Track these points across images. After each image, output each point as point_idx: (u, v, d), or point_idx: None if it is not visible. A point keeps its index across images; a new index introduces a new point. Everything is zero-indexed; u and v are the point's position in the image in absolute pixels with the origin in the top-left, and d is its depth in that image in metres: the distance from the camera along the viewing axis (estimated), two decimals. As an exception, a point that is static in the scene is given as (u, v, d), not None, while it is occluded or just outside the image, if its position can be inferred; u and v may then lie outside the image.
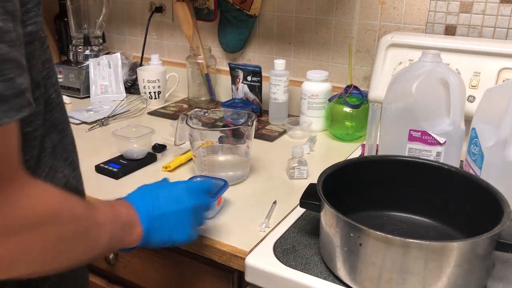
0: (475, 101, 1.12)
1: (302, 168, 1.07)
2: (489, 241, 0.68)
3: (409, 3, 1.26)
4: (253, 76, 1.41)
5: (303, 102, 1.33)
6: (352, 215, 0.71)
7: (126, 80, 1.64)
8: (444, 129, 0.94)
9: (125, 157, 1.14)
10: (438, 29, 1.24)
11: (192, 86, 1.55)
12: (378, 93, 1.23)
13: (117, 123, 1.41)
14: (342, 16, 1.35)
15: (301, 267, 0.78)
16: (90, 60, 1.63)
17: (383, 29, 1.31)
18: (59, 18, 1.80)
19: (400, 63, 1.21)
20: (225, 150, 1.08)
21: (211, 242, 0.86)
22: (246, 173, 1.09)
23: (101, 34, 1.72)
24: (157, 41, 1.71)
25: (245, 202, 0.99)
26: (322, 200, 0.75)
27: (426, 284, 0.66)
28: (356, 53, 1.36)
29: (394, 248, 0.66)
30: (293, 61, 1.47)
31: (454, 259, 0.65)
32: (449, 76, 0.92)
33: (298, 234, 0.86)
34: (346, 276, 0.72)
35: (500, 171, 0.87)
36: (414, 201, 0.87)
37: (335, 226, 0.72)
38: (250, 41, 1.52)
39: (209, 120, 1.14)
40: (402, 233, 0.84)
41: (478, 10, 1.18)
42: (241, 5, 1.47)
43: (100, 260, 1.06)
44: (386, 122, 1.01)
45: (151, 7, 1.65)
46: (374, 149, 1.01)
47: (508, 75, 1.10)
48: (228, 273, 0.90)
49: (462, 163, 1.02)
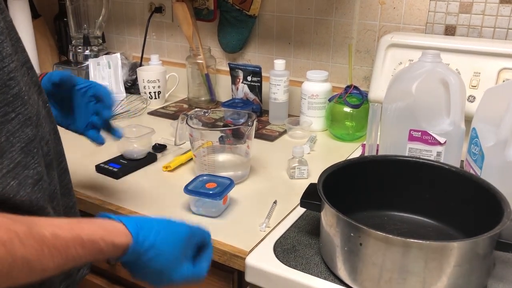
0: (475, 101, 1.12)
1: (303, 168, 1.07)
2: (489, 241, 0.68)
3: (409, 3, 1.26)
4: (253, 76, 1.41)
5: (303, 102, 1.34)
6: (353, 215, 0.71)
7: (126, 80, 1.64)
8: (444, 129, 0.94)
9: (125, 157, 1.14)
10: (438, 29, 1.24)
11: (192, 86, 1.55)
12: (378, 93, 1.23)
13: (117, 123, 1.41)
14: (342, 16, 1.35)
15: (301, 267, 0.78)
16: (90, 60, 1.63)
17: (383, 29, 1.31)
18: (59, 18, 1.80)
19: (400, 63, 1.21)
20: (225, 150, 1.08)
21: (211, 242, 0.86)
22: (246, 173, 1.09)
23: (100, 34, 1.71)
24: (157, 41, 1.71)
25: (245, 202, 0.99)
26: (323, 200, 0.75)
27: (426, 284, 0.66)
28: (356, 53, 1.36)
29: (394, 248, 0.66)
30: (293, 61, 1.47)
31: (454, 259, 0.65)
32: (449, 76, 0.92)
33: (298, 234, 0.86)
34: (347, 276, 0.72)
35: (500, 171, 0.87)
36: (414, 201, 0.87)
37: (336, 226, 0.72)
38: (250, 41, 1.52)
39: (209, 120, 1.15)
40: (402, 233, 0.84)
41: (478, 10, 1.19)
42: (241, 5, 1.47)
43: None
44: (386, 122, 1.01)
45: (151, 7, 1.65)
46: (374, 149, 1.01)
47: (508, 75, 1.10)
48: (228, 273, 0.90)
49: (462, 163, 1.02)
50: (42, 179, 0.62)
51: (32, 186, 0.60)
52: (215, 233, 0.88)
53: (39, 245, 0.50)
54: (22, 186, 0.59)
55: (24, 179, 0.59)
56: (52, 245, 0.51)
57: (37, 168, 0.61)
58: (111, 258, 0.61)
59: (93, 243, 0.56)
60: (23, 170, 0.59)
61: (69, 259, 0.53)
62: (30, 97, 0.62)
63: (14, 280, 0.49)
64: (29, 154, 0.60)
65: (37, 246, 0.50)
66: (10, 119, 0.57)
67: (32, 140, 0.61)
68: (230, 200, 0.98)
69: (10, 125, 0.57)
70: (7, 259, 0.47)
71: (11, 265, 0.47)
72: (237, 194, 1.00)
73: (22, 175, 0.59)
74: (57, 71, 0.87)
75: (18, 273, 0.48)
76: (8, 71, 0.57)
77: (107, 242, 0.58)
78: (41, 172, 0.62)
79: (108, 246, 0.58)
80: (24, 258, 0.48)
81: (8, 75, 0.57)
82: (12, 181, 0.57)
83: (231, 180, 0.95)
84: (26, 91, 0.61)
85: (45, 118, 0.67)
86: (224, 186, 0.93)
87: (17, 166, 0.58)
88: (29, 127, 0.60)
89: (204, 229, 0.73)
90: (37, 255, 0.49)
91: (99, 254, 0.57)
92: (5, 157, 0.57)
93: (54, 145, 0.69)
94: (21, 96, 0.59)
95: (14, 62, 0.59)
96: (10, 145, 0.57)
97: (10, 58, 0.58)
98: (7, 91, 0.57)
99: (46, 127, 0.66)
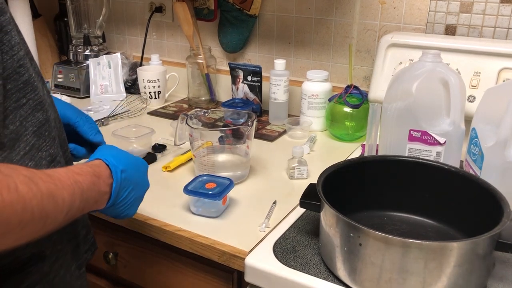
0: (475, 101, 1.12)
1: (302, 168, 1.07)
2: (489, 241, 0.68)
3: (409, 3, 1.26)
4: (253, 76, 1.41)
5: (303, 102, 1.33)
6: (352, 215, 0.71)
7: (126, 80, 1.64)
8: (444, 129, 0.94)
9: (125, 157, 1.14)
10: (438, 29, 1.24)
11: (192, 86, 1.55)
12: (378, 93, 1.23)
13: (117, 123, 1.41)
14: (342, 16, 1.35)
15: (301, 267, 0.78)
16: (90, 60, 1.63)
17: (383, 29, 1.31)
18: (59, 18, 1.80)
19: (400, 63, 1.21)
20: (225, 150, 1.08)
21: (211, 242, 0.86)
22: (246, 173, 1.09)
23: (101, 34, 1.72)
24: (157, 41, 1.71)
25: (245, 202, 0.99)
26: (322, 200, 0.75)
27: (426, 284, 0.66)
28: (356, 53, 1.36)
29: (394, 248, 0.66)
30: (293, 61, 1.47)
31: (454, 259, 0.65)
32: (449, 76, 0.92)
33: (298, 234, 0.86)
34: (346, 276, 0.72)
35: (500, 171, 0.87)
36: (414, 201, 0.87)
37: (335, 226, 0.72)
38: (250, 41, 1.52)
39: (209, 120, 1.14)
40: (402, 233, 0.84)
41: (478, 10, 1.18)
42: (241, 5, 1.47)
43: (100, 260, 1.06)
44: (386, 122, 1.01)
45: (151, 7, 1.65)
46: (374, 149, 1.01)
47: (508, 75, 1.10)
48: (228, 273, 0.90)
49: (462, 163, 1.02)
50: (55, 160, 0.66)
51: (46, 167, 0.64)
52: (215, 233, 0.88)
53: (51, 179, 0.54)
54: (38, 167, 0.62)
55: (39, 160, 0.63)
56: (58, 178, 0.55)
57: (49, 150, 0.65)
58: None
59: (83, 171, 0.61)
60: (37, 152, 0.63)
61: (74, 187, 0.57)
62: (38, 85, 0.64)
63: (47, 214, 0.52)
64: (41, 137, 0.63)
65: (51, 180, 0.54)
66: (22, 104, 0.61)
67: (43, 124, 0.64)
68: (229, 200, 0.98)
69: (22, 110, 0.61)
70: (38, 193, 0.50)
71: (42, 199, 0.51)
72: (236, 194, 1.00)
73: (37, 157, 0.63)
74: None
75: (48, 205, 0.52)
76: (18, 59, 0.60)
77: (93, 168, 0.64)
78: (53, 154, 0.66)
79: (96, 171, 0.64)
80: (48, 190, 0.52)
81: (18, 63, 0.60)
82: (30, 162, 0.61)
83: (230, 181, 0.95)
84: (34, 77, 0.63)
85: (50, 106, 0.69)
86: (223, 186, 0.93)
87: (32, 149, 0.62)
88: (39, 112, 0.63)
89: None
90: (55, 187, 0.54)
91: (94, 177, 0.63)
92: (21, 140, 0.60)
93: (59, 133, 0.71)
94: (31, 82, 0.62)
95: (22, 50, 0.61)
96: (24, 129, 0.61)
97: (19, 46, 0.60)
98: (18, 78, 0.60)
99: (52, 114, 0.68)
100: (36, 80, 0.64)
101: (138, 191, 0.74)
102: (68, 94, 1.63)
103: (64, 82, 1.65)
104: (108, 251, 1.05)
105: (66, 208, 0.55)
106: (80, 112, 0.87)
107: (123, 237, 1.03)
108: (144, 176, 0.78)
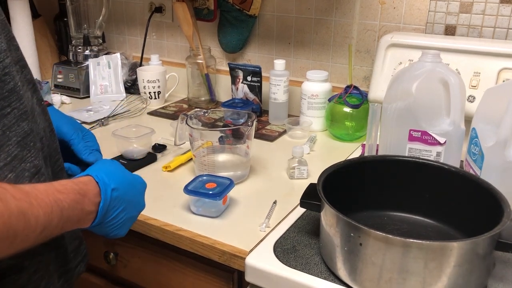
0: (475, 101, 1.12)
1: (302, 168, 1.07)
2: (489, 241, 0.68)
3: (409, 3, 1.26)
4: (253, 76, 1.41)
5: (303, 102, 1.33)
6: (352, 215, 0.71)
7: (126, 80, 1.64)
8: (444, 129, 0.94)
9: (125, 157, 1.14)
10: (438, 29, 1.24)
11: (192, 86, 1.55)
12: (378, 93, 1.23)
13: (117, 123, 1.41)
14: (342, 16, 1.35)
15: (301, 267, 0.78)
16: (90, 60, 1.63)
17: (383, 29, 1.31)
18: (59, 18, 1.80)
19: (400, 63, 1.21)
20: (225, 150, 1.08)
21: (211, 242, 0.86)
22: (246, 173, 1.09)
23: (100, 34, 1.72)
24: (157, 41, 1.71)
25: (245, 202, 0.99)
26: (322, 200, 0.75)
27: (426, 284, 0.66)
28: (356, 53, 1.36)
29: (394, 248, 0.66)
30: (293, 61, 1.47)
31: (454, 259, 0.65)
32: (449, 76, 0.92)
33: (298, 234, 0.86)
34: (346, 276, 0.72)
35: (500, 171, 0.87)
36: (414, 201, 0.87)
37: (335, 226, 0.72)
38: (250, 41, 1.52)
39: (209, 120, 1.15)
40: (402, 233, 0.84)
41: (478, 10, 1.19)
42: (241, 5, 1.47)
43: (100, 260, 1.06)
44: (386, 122, 1.01)
45: (151, 7, 1.65)
46: (374, 149, 1.01)
47: (508, 75, 1.10)
48: (228, 273, 0.90)
49: (462, 163, 1.02)
50: (40, 172, 0.63)
51: (29, 179, 0.61)
52: (215, 233, 0.88)
53: (26, 196, 0.52)
54: (19, 179, 0.60)
55: (21, 172, 0.60)
56: (35, 196, 0.53)
57: (33, 161, 0.62)
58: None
59: (67, 188, 0.58)
60: (20, 163, 0.60)
61: (53, 205, 0.54)
62: (24, 94, 0.63)
63: (15, 234, 0.50)
64: (26, 148, 0.61)
65: (26, 198, 0.51)
66: (6, 113, 0.59)
67: (28, 134, 0.62)
68: (230, 200, 0.98)
69: (6, 120, 0.59)
70: (5, 212, 0.48)
71: (10, 217, 0.48)
72: (237, 194, 1.00)
73: (19, 168, 0.60)
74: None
75: (17, 224, 0.49)
76: (3, 67, 0.58)
77: (79, 185, 0.61)
78: (38, 166, 0.63)
79: (82, 189, 0.60)
80: (19, 209, 0.50)
81: (3, 70, 0.58)
82: (10, 174, 0.58)
83: (230, 180, 0.95)
84: (21, 86, 0.62)
85: (40, 115, 0.67)
86: (224, 186, 0.93)
87: (14, 160, 0.59)
88: (24, 121, 0.61)
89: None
90: (28, 205, 0.51)
91: (78, 195, 0.59)
92: (2, 150, 0.58)
93: (49, 142, 0.69)
94: (17, 91, 0.60)
95: (9, 57, 0.60)
96: (6, 139, 0.59)
97: (5, 53, 0.59)
98: (3, 86, 0.58)
99: (41, 123, 0.67)
100: (24, 89, 0.62)
101: (131, 211, 0.70)
102: (68, 94, 1.63)
103: (64, 82, 1.65)
104: (108, 251, 1.05)
105: (40, 227, 0.52)
106: (78, 127, 0.83)
107: (123, 237, 1.03)
108: (139, 195, 0.73)
